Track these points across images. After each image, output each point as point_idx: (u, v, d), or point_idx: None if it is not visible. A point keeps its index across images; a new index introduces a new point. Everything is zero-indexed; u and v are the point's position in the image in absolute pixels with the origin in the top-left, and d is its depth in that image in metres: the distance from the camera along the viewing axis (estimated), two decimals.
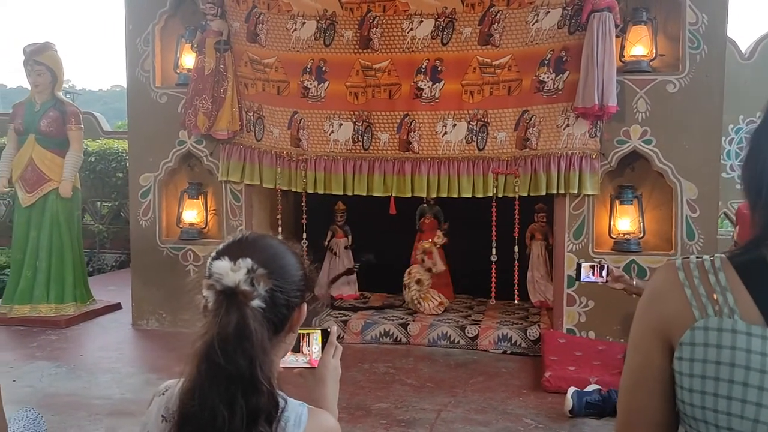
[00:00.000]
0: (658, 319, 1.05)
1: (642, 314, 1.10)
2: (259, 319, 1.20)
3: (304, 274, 1.34)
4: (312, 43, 5.04)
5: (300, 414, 1.25)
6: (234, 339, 1.16)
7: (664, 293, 1.05)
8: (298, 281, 1.31)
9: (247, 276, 1.21)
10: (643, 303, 1.11)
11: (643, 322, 1.08)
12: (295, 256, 1.33)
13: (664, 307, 1.04)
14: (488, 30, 4.81)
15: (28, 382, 4.12)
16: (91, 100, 38.18)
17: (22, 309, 5.56)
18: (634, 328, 1.11)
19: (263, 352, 1.19)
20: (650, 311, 1.07)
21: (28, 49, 5.59)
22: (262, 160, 5.31)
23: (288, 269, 1.30)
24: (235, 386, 1.16)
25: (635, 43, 4.84)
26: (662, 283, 1.07)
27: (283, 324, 1.29)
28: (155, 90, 5.47)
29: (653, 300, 1.07)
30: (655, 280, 1.09)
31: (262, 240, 1.32)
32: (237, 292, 1.20)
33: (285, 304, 1.27)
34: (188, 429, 1.19)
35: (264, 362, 1.19)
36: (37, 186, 5.61)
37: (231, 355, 1.16)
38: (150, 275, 5.51)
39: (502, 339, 4.95)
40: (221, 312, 1.19)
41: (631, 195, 4.91)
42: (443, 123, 4.95)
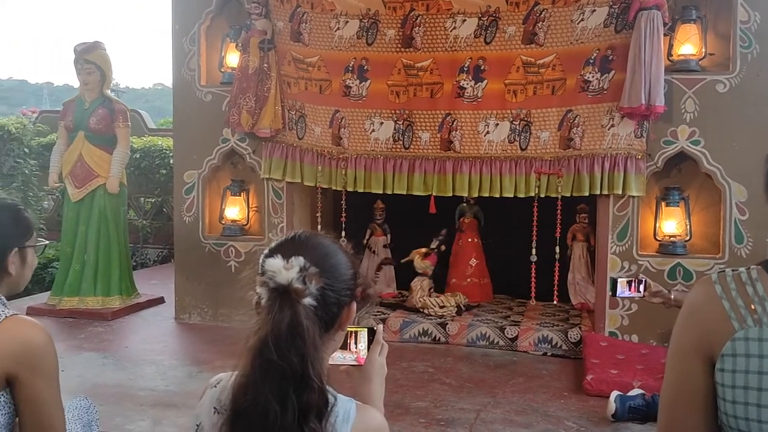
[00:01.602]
0: (698, 333, 1.05)
1: (681, 329, 1.10)
2: (311, 317, 1.22)
3: (355, 273, 1.36)
4: (354, 42, 5.06)
5: (348, 410, 1.27)
6: (287, 336, 1.19)
7: (702, 308, 1.05)
8: (348, 280, 1.33)
9: (300, 274, 1.23)
10: (681, 318, 1.11)
11: (682, 337, 1.09)
12: (346, 255, 1.36)
13: (703, 321, 1.04)
14: (532, 29, 4.76)
15: (77, 372, 4.24)
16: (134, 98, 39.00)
17: (70, 301, 5.72)
18: (674, 343, 1.11)
19: (315, 349, 1.21)
20: (689, 326, 1.08)
21: (79, 49, 5.73)
22: (304, 158, 5.35)
23: (339, 268, 1.32)
24: (288, 382, 1.18)
25: (684, 41, 4.73)
26: (700, 298, 1.07)
27: (333, 322, 1.31)
28: (200, 88, 5.56)
29: (692, 315, 1.08)
30: (693, 296, 1.09)
31: (314, 239, 1.34)
32: (290, 290, 1.22)
33: (335, 302, 1.29)
34: (241, 423, 1.21)
35: (315, 359, 1.20)
36: (86, 181, 5.75)
37: (284, 352, 1.18)
38: (192, 270, 5.60)
39: (543, 340, 4.90)
40: (274, 309, 1.21)
41: (678, 197, 4.81)
42: (485, 122, 4.92)
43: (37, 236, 1.88)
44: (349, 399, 1.30)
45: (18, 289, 1.87)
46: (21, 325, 1.68)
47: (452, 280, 5.99)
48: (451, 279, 5.99)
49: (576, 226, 5.80)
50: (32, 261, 1.85)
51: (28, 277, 1.86)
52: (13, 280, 1.81)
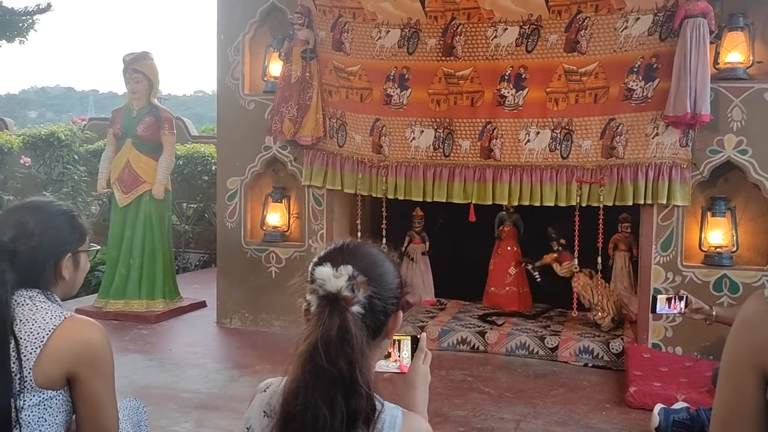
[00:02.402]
0: (751, 349, 1.04)
1: (733, 345, 1.10)
2: (359, 324, 1.25)
3: (401, 282, 1.39)
4: (396, 51, 5.10)
5: (395, 417, 1.29)
6: (336, 342, 1.22)
7: (755, 323, 1.05)
8: (394, 288, 1.36)
9: (349, 282, 1.26)
10: (734, 334, 1.11)
11: (735, 353, 1.08)
12: (393, 265, 1.38)
13: (756, 336, 1.04)
14: (575, 37, 4.74)
15: (124, 373, 4.33)
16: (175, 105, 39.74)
17: (116, 304, 5.86)
18: (726, 359, 1.11)
19: (363, 356, 1.23)
20: (742, 342, 1.07)
21: (128, 59, 5.90)
22: (344, 166, 5.40)
23: (386, 277, 1.34)
24: (337, 388, 1.21)
25: (731, 49, 4.65)
26: (752, 314, 1.06)
27: (380, 330, 1.34)
28: (243, 97, 5.66)
29: (744, 331, 1.07)
30: (745, 311, 1.09)
31: (362, 248, 1.37)
32: (339, 298, 1.25)
33: (382, 310, 1.32)
34: (291, 427, 1.24)
35: (363, 366, 1.23)
36: (133, 187, 5.90)
37: (333, 358, 1.21)
38: (234, 275, 5.70)
39: (584, 351, 4.84)
40: (324, 316, 1.24)
41: (724, 207, 4.71)
42: (526, 131, 4.90)
43: (89, 241, 1.94)
44: (395, 406, 1.32)
45: (72, 293, 1.93)
46: (82, 326, 1.74)
47: (491, 289, 5.96)
48: (490, 287, 5.96)
49: (618, 235, 5.72)
50: (85, 265, 1.91)
51: (81, 280, 1.92)
52: (66, 284, 1.87)
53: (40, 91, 53.46)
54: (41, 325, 1.69)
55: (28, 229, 1.78)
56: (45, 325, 1.69)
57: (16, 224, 1.78)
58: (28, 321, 1.70)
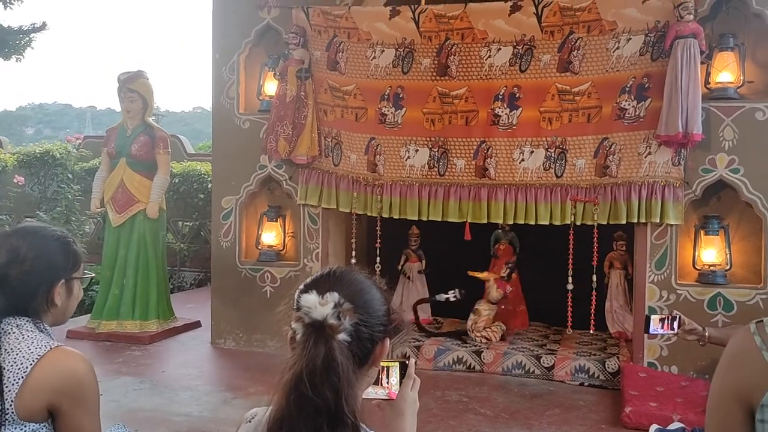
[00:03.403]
0: (737, 384, 1.06)
1: (720, 380, 1.10)
2: (345, 353, 1.23)
3: (388, 309, 1.37)
4: (390, 71, 5.13)
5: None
6: (322, 371, 1.19)
7: (742, 358, 1.06)
8: (381, 316, 1.34)
9: (335, 310, 1.24)
10: (721, 369, 1.12)
11: (721, 388, 1.09)
12: (380, 291, 1.37)
13: (742, 371, 1.05)
14: (568, 57, 4.77)
15: (114, 396, 4.30)
16: (173, 122, 39.87)
17: (109, 325, 5.82)
18: (713, 394, 1.12)
19: (349, 385, 1.21)
20: (728, 377, 1.08)
21: (122, 78, 5.91)
22: (339, 185, 5.41)
23: (372, 304, 1.33)
24: (322, 418, 1.19)
25: (721, 69, 4.68)
26: (738, 349, 1.08)
27: (366, 358, 1.32)
28: (239, 116, 5.68)
29: (731, 366, 1.08)
30: (732, 346, 1.10)
31: (348, 274, 1.35)
32: (324, 326, 1.23)
33: (369, 338, 1.30)
34: None
35: (349, 395, 1.21)
36: (127, 207, 5.89)
37: (319, 387, 1.18)
38: (228, 295, 5.67)
39: (580, 370, 4.82)
40: (309, 345, 1.22)
41: (717, 225, 4.73)
42: (520, 150, 4.92)
43: (84, 268, 1.92)
44: None
45: (63, 321, 1.89)
46: (65, 357, 1.70)
47: None
48: None
49: (613, 253, 5.73)
50: (78, 293, 1.88)
51: (74, 308, 1.89)
52: (58, 311, 1.83)
53: (38, 108, 53.52)
54: (25, 355, 1.66)
55: (21, 254, 1.75)
56: (29, 355, 1.65)
57: (8, 249, 1.75)
58: (13, 350, 1.66)
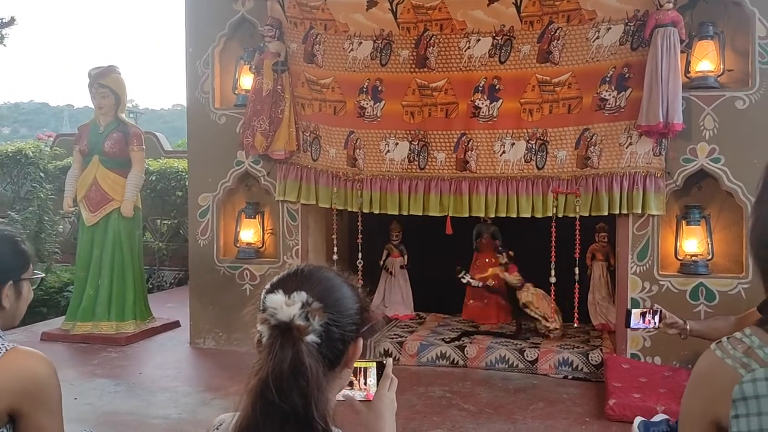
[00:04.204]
0: (707, 398, 1.08)
1: (689, 400, 1.14)
2: (315, 355, 1.15)
3: (361, 307, 1.29)
4: (368, 63, 5.05)
5: None
6: (289, 376, 1.12)
7: (708, 373, 1.09)
8: (353, 315, 1.26)
9: (302, 310, 1.17)
10: (689, 389, 1.14)
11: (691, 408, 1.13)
12: (352, 289, 1.29)
13: (710, 384, 1.08)
14: (547, 47, 4.72)
15: (89, 399, 4.19)
16: (152, 119, 39.42)
17: (84, 326, 5.69)
18: (683, 414, 1.15)
19: (318, 389, 1.14)
20: (696, 396, 1.12)
21: (93, 73, 5.76)
22: (319, 180, 5.32)
23: (344, 302, 1.25)
24: (290, 425, 1.12)
25: (701, 58, 4.66)
26: (705, 368, 1.11)
27: (338, 359, 1.24)
28: (214, 111, 5.56)
29: (699, 383, 1.12)
30: (699, 366, 1.13)
31: (317, 272, 1.27)
32: (291, 327, 1.15)
33: (340, 338, 1.22)
34: None
35: (319, 400, 1.14)
36: (101, 206, 5.75)
37: (286, 393, 1.12)
38: (207, 294, 5.57)
39: (563, 363, 4.79)
40: (276, 348, 1.14)
41: (699, 215, 4.71)
42: (501, 142, 4.87)
43: (33, 268, 1.83)
44: None
45: (13, 323, 1.81)
46: (23, 358, 1.63)
47: (469, 301, 5.91)
48: (469, 300, 5.91)
49: (595, 245, 5.70)
50: (27, 294, 1.80)
51: (23, 310, 1.81)
52: (7, 314, 1.75)
53: (14, 107, 52.64)
54: None
55: None
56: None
57: None
58: None
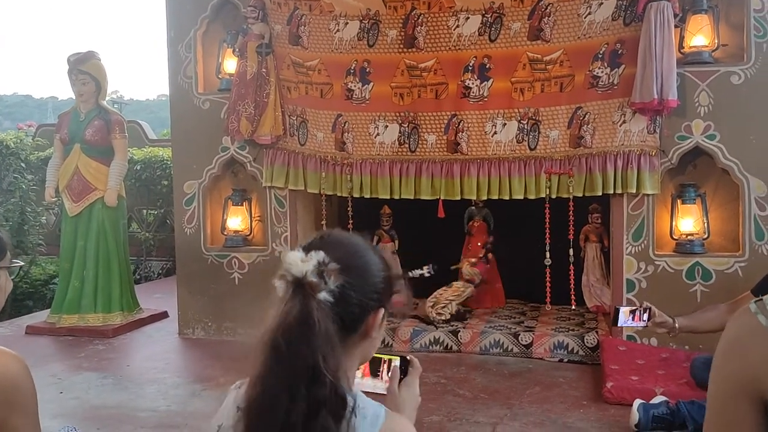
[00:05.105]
0: (743, 372, 0.92)
1: (722, 371, 0.97)
2: (325, 312, 1.18)
3: (387, 278, 1.30)
4: (355, 44, 4.92)
5: (377, 414, 1.22)
6: (296, 327, 1.17)
7: (745, 343, 0.93)
8: (376, 283, 1.27)
9: (317, 268, 1.21)
10: (721, 358, 0.97)
11: (727, 380, 0.96)
12: (379, 259, 1.31)
13: (748, 357, 0.92)
14: (538, 24, 4.61)
15: (75, 393, 4.09)
16: (138, 110, 39.02)
17: (70, 319, 5.57)
18: (715, 387, 0.98)
19: (328, 344, 1.17)
20: (732, 365, 0.95)
21: (72, 59, 5.60)
22: (307, 165, 5.21)
23: (366, 269, 1.27)
24: (297, 376, 1.15)
25: (695, 33, 4.57)
26: (741, 332, 0.94)
27: (354, 325, 1.26)
28: (198, 96, 5.42)
29: (734, 352, 0.95)
30: (732, 330, 0.96)
31: (343, 237, 1.32)
32: (304, 283, 1.20)
33: (358, 303, 1.24)
34: (253, 415, 1.19)
35: (329, 354, 1.16)
36: (83, 195, 5.61)
37: (294, 344, 1.16)
38: (195, 283, 5.46)
39: (558, 346, 4.72)
40: (287, 300, 1.20)
41: (694, 193, 4.64)
42: (492, 122, 4.76)
43: (11, 257, 1.72)
44: (378, 404, 1.25)
45: None
46: None
47: None
48: None
49: (588, 226, 5.63)
50: (5, 284, 1.70)
51: (2, 301, 1.71)
52: None
53: None
54: None
55: None
56: None
57: None
58: None
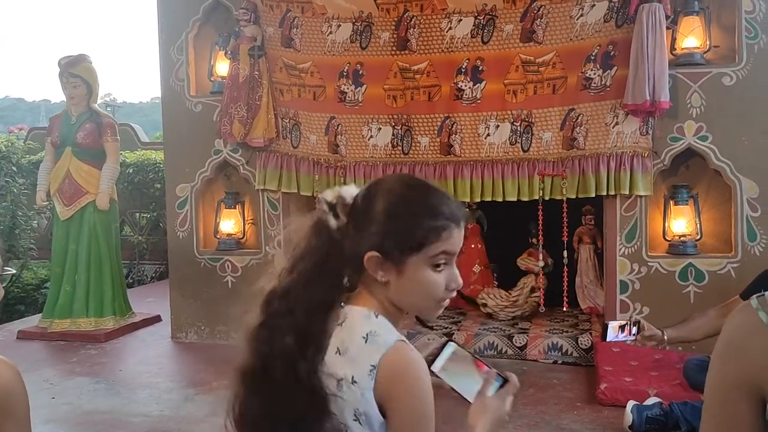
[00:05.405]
0: (743, 370, 0.91)
1: (722, 368, 0.95)
2: (331, 231, 1.25)
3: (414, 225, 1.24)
4: (348, 46, 4.91)
5: (388, 343, 1.23)
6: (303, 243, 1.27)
7: (746, 340, 0.91)
8: (390, 228, 1.24)
9: (335, 201, 1.27)
10: (721, 355, 0.95)
11: (725, 378, 0.94)
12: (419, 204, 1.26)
13: (749, 355, 0.90)
14: (530, 26, 4.61)
15: (67, 399, 4.06)
16: (131, 113, 38.90)
17: (62, 323, 5.53)
18: (713, 385, 0.96)
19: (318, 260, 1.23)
20: (732, 363, 0.93)
21: (63, 62, 5.57)
22: (300, 168, 5.19)
23: (383, 212, 1.25)
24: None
25: (687, 34, 4.58)
26: (741, 329, 0.92)
27: (357, 261, 1.25)
28: (190, 99, 5.40)
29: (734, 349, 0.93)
30: (732, 327, 0.94)
31: (388, 184, 1.31)
32: (320, 203, 1.29)
33: (355, 240, 1.25)
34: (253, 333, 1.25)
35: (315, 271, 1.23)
36: (75, 199, 5.57)
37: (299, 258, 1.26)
38: (188, 287, 5.43)
39: (553, 348, 4.73)
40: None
41: (687, 195, 4.65)
42: (486, 124, 4.76)
43: (3, 263, 1.69)
44: (397, 336, 1.24)
45: None
46: None
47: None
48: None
49: (582, 228, 5.64)
50: None
51: None
52: None
53: None
54: None
55: None
56: None
57: None
58: None
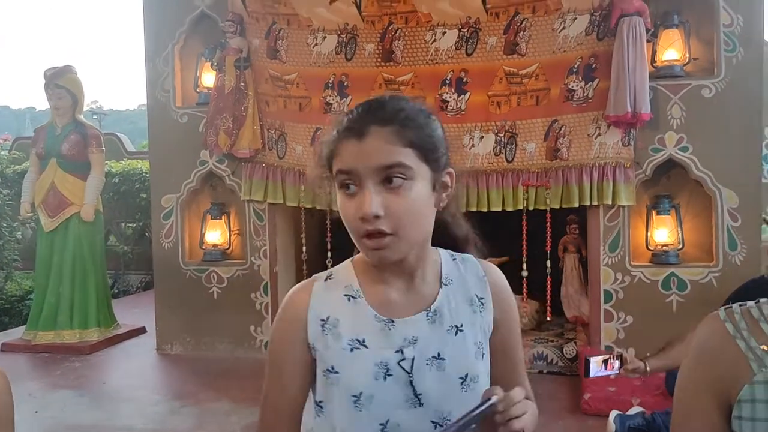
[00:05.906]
0: (712, 378, 0.94)
1: (691, 375, 0.99)
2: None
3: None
4: (333, 58, 4.94)
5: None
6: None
7: (714, 349, 0.95)
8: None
9: None
10: (691, 363, 0.99)
11: (696, 385, 0.97)
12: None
13: (717, 364, 0.94)
14: (514, 39, 4.67)
15: (51, 413, 4.03)
16: (118, 120, 38.74)
17: (46, 335, 5.50)
18: (684, 392, 1.00)
19: None
20: (701, 371, 0.97)
21: (49, 73, 5.56)
22: (285, 178, 5.20)
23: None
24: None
25: (667, 47, 4.65)
26: (710, 339, 0.96)
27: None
28: (176, 110, 5.41)
29: (703, 358, 0.97)
30: (702, 337, 0.98)
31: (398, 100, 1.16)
32: None
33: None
34: None
35: None
36: (59, 210, 5.55)
37: None
38: (173, 298, 5.42)
39: (538, 357, 4.76)
40: None
41: (668, 205, 4.71)
42: (470, 135, 4.80)
43: None
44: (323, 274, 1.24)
45: None
46: None
47: None
48: None
49: (566, 237, 5.68)
50: None
51: None
52: None
53: None
54: None
55: None
56: None
57: None
58: None
